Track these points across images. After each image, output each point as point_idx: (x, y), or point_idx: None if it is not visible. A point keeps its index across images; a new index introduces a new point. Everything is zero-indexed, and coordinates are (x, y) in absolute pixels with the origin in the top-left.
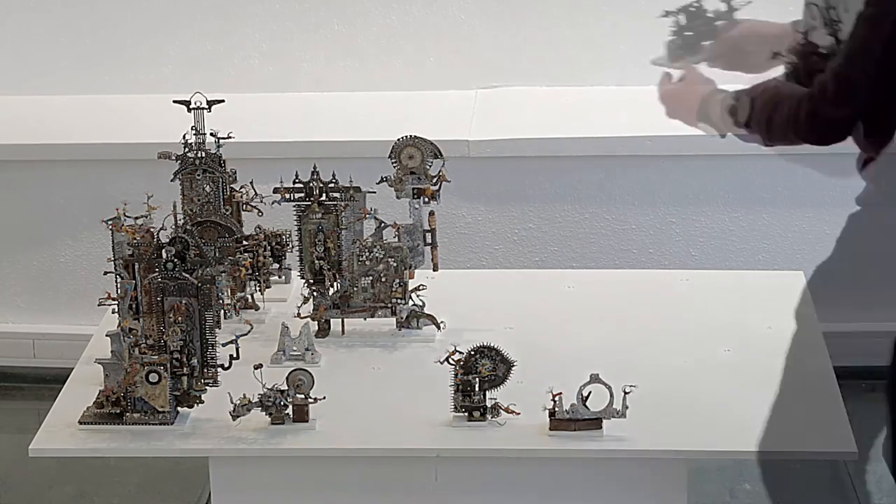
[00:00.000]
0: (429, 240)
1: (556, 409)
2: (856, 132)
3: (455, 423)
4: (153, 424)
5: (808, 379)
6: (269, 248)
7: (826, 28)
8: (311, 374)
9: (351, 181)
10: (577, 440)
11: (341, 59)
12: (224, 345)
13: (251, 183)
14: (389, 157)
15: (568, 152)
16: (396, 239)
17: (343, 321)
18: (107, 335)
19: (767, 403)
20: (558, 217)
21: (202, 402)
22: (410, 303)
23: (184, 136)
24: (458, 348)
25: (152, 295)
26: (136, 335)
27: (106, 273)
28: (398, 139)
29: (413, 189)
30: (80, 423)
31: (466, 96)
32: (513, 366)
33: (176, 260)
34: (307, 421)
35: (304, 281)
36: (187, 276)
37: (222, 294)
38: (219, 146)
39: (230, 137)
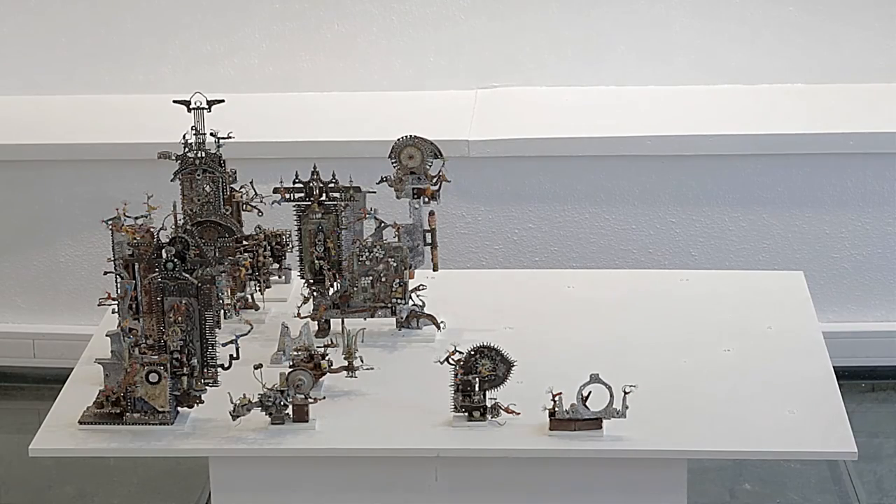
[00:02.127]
0: (429, 240)
1: (556, 409)
2: None
3: (455, 423)
4: (153, 424)
5: (808, 379)
6: (269, 248)
7: None
8: (310, 374)
9: (351, 181)
10: (577, 440)
11: (341, 59)
12: (224, 345)
13: (251, 183)
14: (389, 157)
15: (568, 152)
16: (396, 239)
17: (343, 321)
18: (107, 335)
19: (767, 403)
20: (558, 217)
21: (202, 402)
22: (410, 303)
23: (184, 136)
24: (458, 348)
25: (152, 295)
26: (136, 335)
27: (106, 273)
28: (398, 139)
29: (413, 189)
30: (80, 423)
31: (466, 96)
32: (513, 366)
33: (176, 260)
34: (307, 421)
35: (304, 281)
36: (187, 276)
37: (222, 294)
38: (219, 146)
39: (230, 137)
